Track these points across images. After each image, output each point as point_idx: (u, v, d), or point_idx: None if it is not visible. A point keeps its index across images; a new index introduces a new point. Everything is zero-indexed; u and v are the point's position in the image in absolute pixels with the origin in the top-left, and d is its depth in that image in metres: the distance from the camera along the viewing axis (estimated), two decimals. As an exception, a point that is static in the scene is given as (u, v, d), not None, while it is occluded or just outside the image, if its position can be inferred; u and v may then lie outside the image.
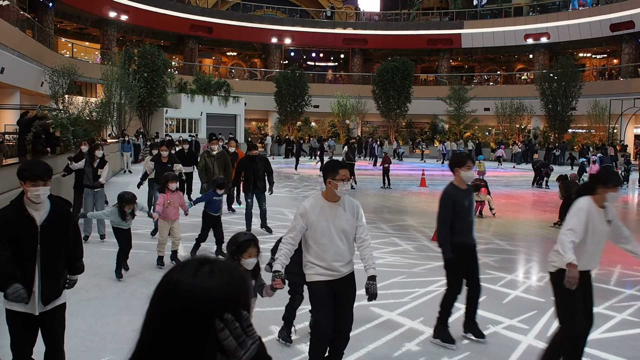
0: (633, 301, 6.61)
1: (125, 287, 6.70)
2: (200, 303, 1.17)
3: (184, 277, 1.20)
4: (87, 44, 40.28)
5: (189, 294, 1.17)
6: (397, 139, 39.17)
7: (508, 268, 8.18)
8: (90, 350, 4.82)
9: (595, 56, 44.96)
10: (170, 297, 1.19)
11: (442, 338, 5.07)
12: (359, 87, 41.95)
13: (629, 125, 33.61)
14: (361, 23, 47.18)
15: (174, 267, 1.25)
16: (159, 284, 1.24)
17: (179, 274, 1.21)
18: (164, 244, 7.59)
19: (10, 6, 22.13)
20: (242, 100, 37.11)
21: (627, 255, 4.66)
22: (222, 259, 1.28)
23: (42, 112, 15.77)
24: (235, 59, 50.40)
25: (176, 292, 1.18)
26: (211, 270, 1.21)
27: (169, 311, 1.18)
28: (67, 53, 33.57)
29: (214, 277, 1.20)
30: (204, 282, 1.19)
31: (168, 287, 1.21)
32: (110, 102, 26.47)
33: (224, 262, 1.26)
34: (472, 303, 5.22)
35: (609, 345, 5.19)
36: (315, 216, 4.00)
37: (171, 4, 40.49)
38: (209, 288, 1.18)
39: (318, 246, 4.00)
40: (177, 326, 1.17)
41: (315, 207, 4.03)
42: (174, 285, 1.20)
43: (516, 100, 37.30)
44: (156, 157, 9.99)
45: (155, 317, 1.21)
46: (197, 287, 1.18)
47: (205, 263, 1.23)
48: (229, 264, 1.26)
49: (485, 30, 42.44)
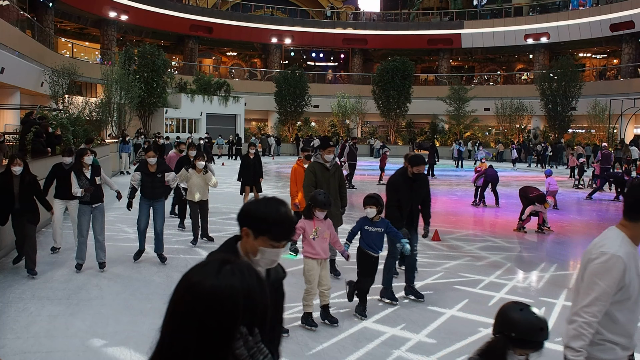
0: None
1: (125, 287, 6.70)
2: (224, 303, 1.17)
3: (205, 277, 1.19)
4: (87, 44, 40.28)
5: (212, 294, 1.17)
6: (379, 139, 38.89)
7: (485, 271, 8.18)
8: (90, 350, 4.82)
9: (595, 56, 44.97)
10: (193, 298, 1.18)
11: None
12: (359, 87, 41.95)
13: (629, 125, 33.61)
14: (361, 23, 47.18)
15: (194, 268, 1.24)
16: (178, 285, 1.23)
17: (200, 275, 1.21)
18: (313, 294, 5.43)
19: (10, 6, 22.13)
20: (242, 100, 37.13)
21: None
22: (241, 259, 1.31)
23: (42, 113, 15.75)
24: (235, 59, 50.40)
25: (198, 293, 1.18)
26: (232, 270, 1.21)
27: (191, 312, 1.17)
28: (67, 53, 33.57)
29: (236, 277, 1.20)
30: (226, 282, 1.18)
31: (189, 288, 1.20)
32: (110, 102, 26.48)
33: (244, 262, 1.26)
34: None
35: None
36: (633, 270, 2.53)
37: (171, 4, 40.49)
38: (232, 287, 1.18)
39: (629, 314, 2.56)
40: (200, 327, 1.16)
41: (629, 255, 2.51)
42: (195, 287, 1.19)
43: (516, 100, 37.30)
44: (142, 165, 7.82)
45: (176, 318, 1.20)
46: (220, 286, 1.18)
47: (226, 263, 1.23)
48: (249, 264, 1.27)
49: (485, 30, 42.45)
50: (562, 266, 8.54)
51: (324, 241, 5.53)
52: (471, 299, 6.53)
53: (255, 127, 43.25)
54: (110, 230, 10.08)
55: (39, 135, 11.85)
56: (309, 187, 6.85)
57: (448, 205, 15.18)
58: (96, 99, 27.93)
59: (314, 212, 5.49)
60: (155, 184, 7.73)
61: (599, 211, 15.70)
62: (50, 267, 7.42)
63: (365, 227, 5.81)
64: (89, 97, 29.01)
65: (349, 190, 17.82)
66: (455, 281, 7.27)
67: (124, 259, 7.89)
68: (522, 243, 10.31)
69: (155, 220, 7.76)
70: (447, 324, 5.67)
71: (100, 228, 7.35)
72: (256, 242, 1.96)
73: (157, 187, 7.77)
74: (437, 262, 8.29)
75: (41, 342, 4.98)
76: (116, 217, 11.28)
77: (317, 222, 5.51)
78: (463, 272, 7.73)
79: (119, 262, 7.77)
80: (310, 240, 5.48)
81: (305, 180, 7.02)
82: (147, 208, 7.77)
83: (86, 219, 7.24)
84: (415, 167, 6.40)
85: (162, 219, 7.80)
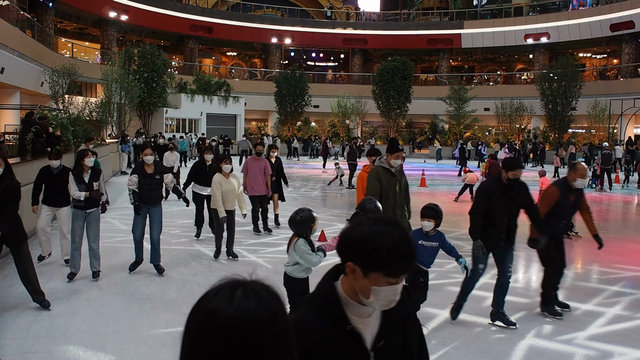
0: (618, 297, 6.76)
1: (125, 287, 6.70)
2: (243, 333, 1.08)
3: (219, 306, 1.10)
4: (87, 44, 40.29)
5: (229, 325, 1.08)
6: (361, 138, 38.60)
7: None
8: (90, 350, 4.82)
9: (595, 56, 44.97)
10: (208, 331, 1.09)
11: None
12: (359, 87, 41.95)
13: (629, 125, 33.61)
14: (361, 23, 47.19)
15: (205, 297, 1.14)
16: (191, 318, 1.13)
17: (213, 303, 1.11)
18: None
19: (10, 6, 22.14)
20: (242, 100, 37.15)
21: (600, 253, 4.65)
22: (254, 280, 1.19)
23: (42, 113, 15.76)
24: (235, 59, 50.40)
25: (214, 326, 1.09)
26: (245, 293, 1.12)
27: (208, 345, 1.08)
28: (67, 53, 33.57)
29: (251, 300, 1.11)
30: (242, 307, 1.09)
31: (203, 324, 1.10)
32: (110, 102, 26.49)
33: (256, 282, 1.17)
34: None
35: (609, 338, 5.27)
36: None
37: (171, 4, 40.50)
38: (250, 313, 1.09)
39: None
40: (221, 355, 1.08)
41: None
42: (210, 318, 1.10)
43: (516, 100, 37.30)
44: (138, 167, 7.28)
45: (194, 354, 1.10)
46: (237, 315, 1.09)
47: (238, 286, 1.13)
48: (263, 284, 1.17)
49: (485, 30, 42.46)
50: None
51: None
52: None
53: (255, 127, 43.27)
54: (109, 229, 10.09)
55: (39, 135, 11.86)
56: (374, 196, 6.04)
57: (448, 205, 15.18)
58: (96, 99, 27.94)
59: None
60: (153, 187, 7.17)
61: (599, 211, 15.70)
62: (50, 267, 7.42)
63: (419, 241, 5.34)
64: (89, 97, 29.02)
65: (349, 190, 17.92)
66: (449, 282, 7.26)
67: (124, 259, 7.88)
68: (521, 242, 10.30)
69: (151, 228, 7.17)
70: (442, 326, 5.67)
71: (95, 235, 6.81)
72: (367, 280, 1.54)
73: (155, 189, 7.19)
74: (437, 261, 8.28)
75: (41, 342, 4.98)
76: (115, 216, 11.29)
77: None
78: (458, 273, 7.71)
79: (119, 261, 7.76)
80: None
81: (370, 188, 6.15)
82: (143, 214, 7.18)
83: (79, 225, 6.72)
84: (511, 172, 5.48)
85: (159, 226, 7.22)
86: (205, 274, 7.26)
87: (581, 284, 7.42)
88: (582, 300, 6.59)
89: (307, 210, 4.78)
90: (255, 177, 9.84)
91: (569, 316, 5.98)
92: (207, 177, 8.98)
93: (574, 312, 6.16)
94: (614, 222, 14.02)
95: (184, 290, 6.59)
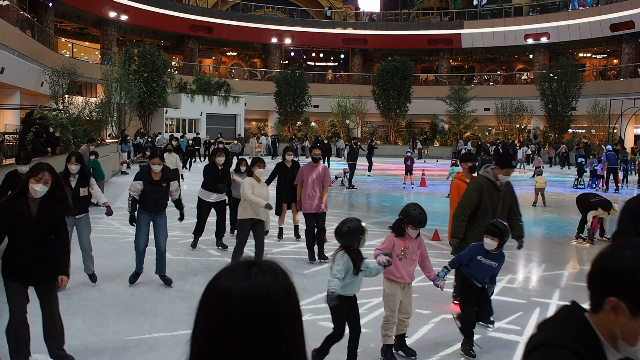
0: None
1: (125, 287, 6.70)
2: (262, 305, 1.09)
3: (236, 281, 1.11)
4: (87, 44, 40.29)
5: (247, 298, 1.09)
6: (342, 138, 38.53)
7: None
8: (90, 350, 4.82)
9: (595, 56, 44.96)
10: (226, 305, 1.09)
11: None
12: (359, 87, 41.95)
13: (629, 125, 33.61)
14: (361, 23, 47.19)
15: (221, 273, 1.15)
16: (207, 293, 1.14)
17: (230, 280, 1.12)
18: (393, 322, 4.71)
19: (10, 6, 22.14)
20: (242, 100, 37.15)
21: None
22: (267, 259, 1.20)
23: (42, 113, 15.76)
24: (235, 59, 50.40)
25: (232, 299, 1.09)
26: (262, 270, 1.13)
27: (227, 320, 1.09)
28: (67, 53, 33.57)
29: (268, 276, 1.12)
30: (259, 281, 1.11)
31: (220, 296, 1.11)
32: (110, 102, 26.49)
33: (270, 261, 1.18)
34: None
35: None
36: None
37: (171, 4, 40.50)
38: (266, 287, 1.10)
39: None
40: (240, 335, 1.08)
41: None
42: (227, 293, 1.10)
43: (516, 100, 37.30)
44: (143, 173, 6.79)
45: (211, 329, 1.10)
46: (254, 288, 1.10)
47: (253, 264, 1.14)
48: (276, 264, 1.17)
49: (485, 30, 42.45)
50: (558, 266, 8.54)
51: (411, 263, 4.73)
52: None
53: (255, 127, 43.29)
54: (109, 230, 10.09)
55: (39, 135, 11.86)
56: (464, 208, 5.51)
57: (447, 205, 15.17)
58: (96, 99, 27.95)
59: (406, 229, 4.63)
60: (159, 195, 6.71)
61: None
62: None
63: (478, 256, 4.84)
64: (89, 97, 29.02)
65: (349, 190, 17.93)
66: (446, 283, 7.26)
67: (124, 259, 7.87)
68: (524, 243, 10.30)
69: (157, 238, 6.77)
70: (441, 326, 5.67)
71: (87, 240, 6.59)
72: (636, 322, 1.27)
73: (161, 198, 6.75)
74: (436, 261, 8.29)
75: (41, 342, 4.98)
76: (116, 216, 11.27)
77: (407, 241, 4.66)
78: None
79: (119, 262, 7.76)
80: (396, 260, 4.62)
81: (464, 198, 5.47)
82: (147, 223, 6.74)
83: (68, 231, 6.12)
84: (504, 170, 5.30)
85: (165, 235, 6.82)
86: (205, 273, 7.25)
87: (580, 284, 7.39)
88: (582, 299, 6.56)
89: (355, 220, 4.28)
90: (312, 189, 8.03)
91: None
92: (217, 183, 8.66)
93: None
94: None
95: (184, 290, 6.59)
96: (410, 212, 4.57)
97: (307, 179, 8.06)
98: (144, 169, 6.89)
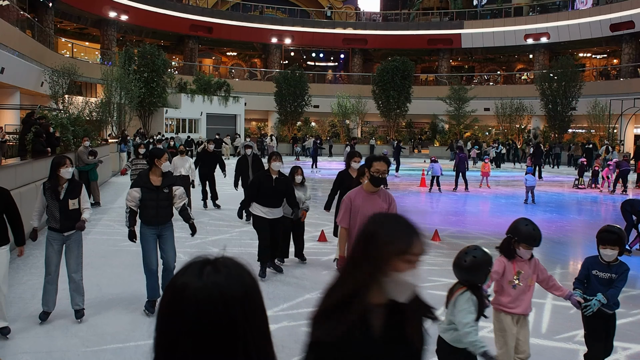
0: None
1: (125, 287, 6.69)
2: (213, 304, 1.09)
3: (189, 279, 1.11)
4: (87, 44, 40.29)
5: (198, 297, 1.09)
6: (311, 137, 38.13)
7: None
8: (90, 350, 4.82)
9: (595, 56, 44.97)
10: (178, 303, 1.10)
11: None
12: (359, 87, 41.94)
13: (629, 125, 33.62)
14: (361, 23, 47.19)
15: (179, 271, 1.16)
16: (165, 290, 1.16)
17: (183, 278, 1.13)
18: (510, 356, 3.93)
19: (10, 6, 22.14)
20: (242, 100, 37.16)
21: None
22: (225, 257, 1.18)
23: (42, 113, 15.75)
24: (235, 59, 50.40)
25: (184, 297, 1.10)
26: (215, 268, 1.13)
27: (179, 318, 1.09)
28: (67, 53, 33.57)
29: (220, 274, 1.12)
30: (211, 281, 1.10)
31: (174, 293, 1.12)
32: (110, 102, 26.50)
33: (227, 258, 1.17)
34: None
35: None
36: None
37: (171, 4, 40.50)
38: (219, 286, 1.10)
39: None
40: (194, 334, 1.08)
41: None
42: (180, 291, 1.11)
43: (516, 100, 37.29)
44: (141, 178, 5.80)
45: (165, 325, 1.12)
46: (206, 287, 1.10)
47: (207, 263, 1.15)
48: (233, 260, 1.17)
49: (485, 30, 42.45)
50: (557, 266, 8.54)
51: (527, 290, 3.92)
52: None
53: (255, 127, 43.30)
54: (108, 232, 10.08)
55: (39, 135, 11.85)
56: None
57: (447, 205, 15.19)
58: (96, 99, 27.94)
59: (516, 249, 3.87)
60: (161, 203, 5.74)
61: (599, 211, 15.71)
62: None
63: (592, 270, 4.09)
64: (89, 97, 29.02)
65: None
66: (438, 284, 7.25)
67: (124, 259, 7.87)
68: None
69: (164, 253, 5.84)
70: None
71: (77, 264, 5.48)
72: None
73: (163, 207, 5.78)
74: (437, 261, 8.29)
75: (41, 342, 4.98)
76: (116, 216, 11.27)
77: (518, 264, 3.89)
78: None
79: (119, 261, 7.76)
80: (508, 288, 3.87)
81: None
82: (154, 239, 5.79)
83: (55, 251, 5.39)
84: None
85: (173, 250, 5.88)
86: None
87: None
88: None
89: (480, 250, 3.37)
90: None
91: (568, 315, 5.96)
92: (274, 194, 7.12)
93: (572, 310, 6.15)
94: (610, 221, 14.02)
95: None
96: (521, 228, 3.83)
97: (364, 214, 4.59)
98: (141, 174, 5.87)
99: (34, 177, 9.43)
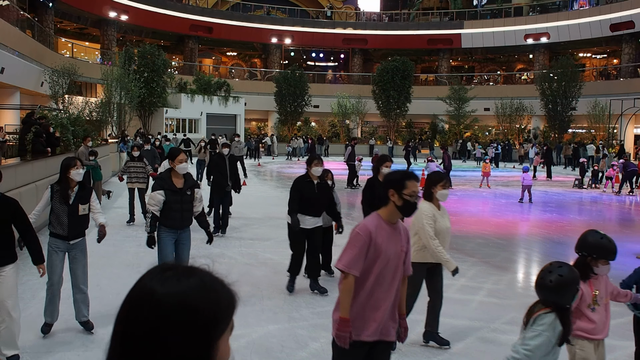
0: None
1: (125, 287, 6.57)
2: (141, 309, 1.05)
3: (154, 286, 1.07)
4: (87, 44, 40.29)
5: (131, 298, 1.08)
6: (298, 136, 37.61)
7: (479, 273, 8.17)
8: (90, 350, 4.82)
9: (595, 56, 44.98)
10: (124, 304, 1.08)
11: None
12: (359, 87, 41.96)
13: (629, 125, 33.62)
14: (361, 23, 47.20)
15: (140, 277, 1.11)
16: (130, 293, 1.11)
17: (143, 279, 1.10)
18: None
19: (10, 6, 22.14)
20: (242, 100, 37.16)
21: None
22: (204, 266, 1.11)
23: (42, 113, 15.76)
24: (235, 59, 50.41)
25: (127, 298, 1.08)
26: (175, 274, 1.07)
27: (118, 320, 1.08)
28: (67, 53, 33.57)
29: (182, 282, 1.06)
30: (176, 289, 1.05)
31: (132, 302, 1.09)
32: (110, 102, 26.49)
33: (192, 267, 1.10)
34: None
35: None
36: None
37: (171, 4, 40.51)
38: (153, 292, 1.05)
39: None
40: (122, 337, 1.06)
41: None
42: (131, 291, 1.09)
43: (516, 100, 37.31)
44: (164, 180, 5.57)
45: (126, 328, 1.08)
46: (141, 290, 1.07)
47: (168, 269, 1.10)
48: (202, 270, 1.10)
49: (485, 30, 42.46)
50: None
51: (605, 310, 3.49)
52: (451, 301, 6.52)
53: (255, 127, 43.31)
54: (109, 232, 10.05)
55: (39, 135, 11.85)
56: None
57: (447, 205, 15.19)
58: (96, 99, 27.95)
59: (593, 268, 3.44)
60: (185, 206, 5.54)
61: (599, 211, 15.72)
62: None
63: None
64: (89, 97, 29.02)
65: (352, 190, 17.90)
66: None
67: (125, 258, 7.87)
68: (524, 243, 10.31)
69: (180, 258, 5.65)
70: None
71: (83, 273, 5.21)
72: None
73: (187, 209, 5.59)
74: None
75: (41, 342, 4.98)
76: (119, 214, 11.26)
77: (594, 284, 3.46)
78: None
79: (119, 261, 7.75)
80: (588, 312, 3.44)
81: None
82: (172, 243, 5.61)
83: (59, 259, 5.08)
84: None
85: (188, 253, 5.74)
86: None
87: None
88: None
89: (566, 267, 2.97)
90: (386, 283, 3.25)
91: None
92: (317, 202, 6.55)
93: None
94: (612, 221, 14.02)
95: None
96: (595, 242, 3.39)
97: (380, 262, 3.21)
98: (163, 176, 5.63)
99: (34, 177, 9.43)
